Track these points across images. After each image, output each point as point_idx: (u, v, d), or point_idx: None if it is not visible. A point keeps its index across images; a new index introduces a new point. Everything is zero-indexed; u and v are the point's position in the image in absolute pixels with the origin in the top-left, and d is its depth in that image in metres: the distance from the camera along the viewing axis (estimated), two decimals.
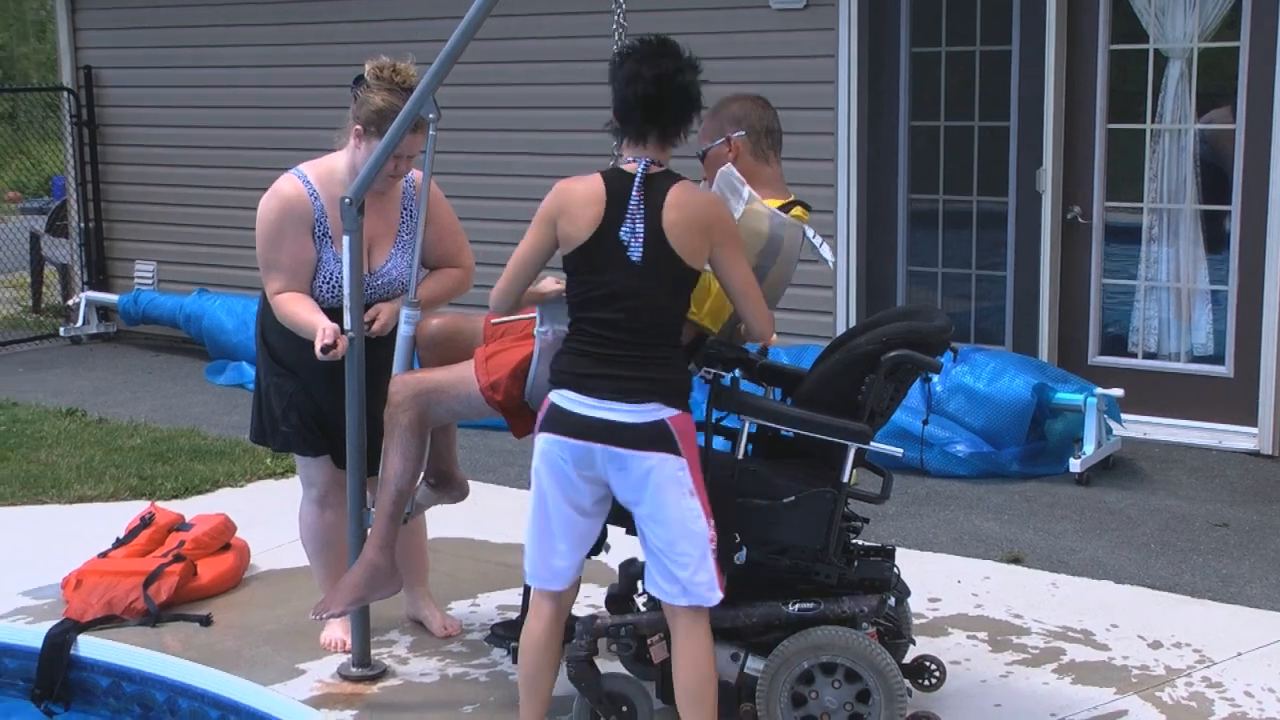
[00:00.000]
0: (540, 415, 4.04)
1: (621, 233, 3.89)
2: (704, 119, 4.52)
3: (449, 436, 4.89)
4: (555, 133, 8.72)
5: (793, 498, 4.16)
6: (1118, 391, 7.28)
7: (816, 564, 4.22)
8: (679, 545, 3.98)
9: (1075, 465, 7.04)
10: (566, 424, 3.96)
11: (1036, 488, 7.04)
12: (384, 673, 4.96)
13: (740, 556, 4.20)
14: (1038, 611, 5.45)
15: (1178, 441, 7.69)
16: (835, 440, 4.17)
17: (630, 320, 3.93)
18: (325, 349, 4.56)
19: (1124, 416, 7.49)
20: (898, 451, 4.27)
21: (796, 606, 4.20)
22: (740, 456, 4.23)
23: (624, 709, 4.31)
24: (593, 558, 4.49)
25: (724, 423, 4.36)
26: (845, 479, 4.17)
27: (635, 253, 3.89)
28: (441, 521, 5.89)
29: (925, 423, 6.64)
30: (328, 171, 4.91)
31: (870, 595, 4.23)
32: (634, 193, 3.91)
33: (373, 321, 4.80)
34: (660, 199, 3.92)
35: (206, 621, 5.43)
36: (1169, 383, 7.82)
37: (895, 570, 4.47)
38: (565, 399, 3.97)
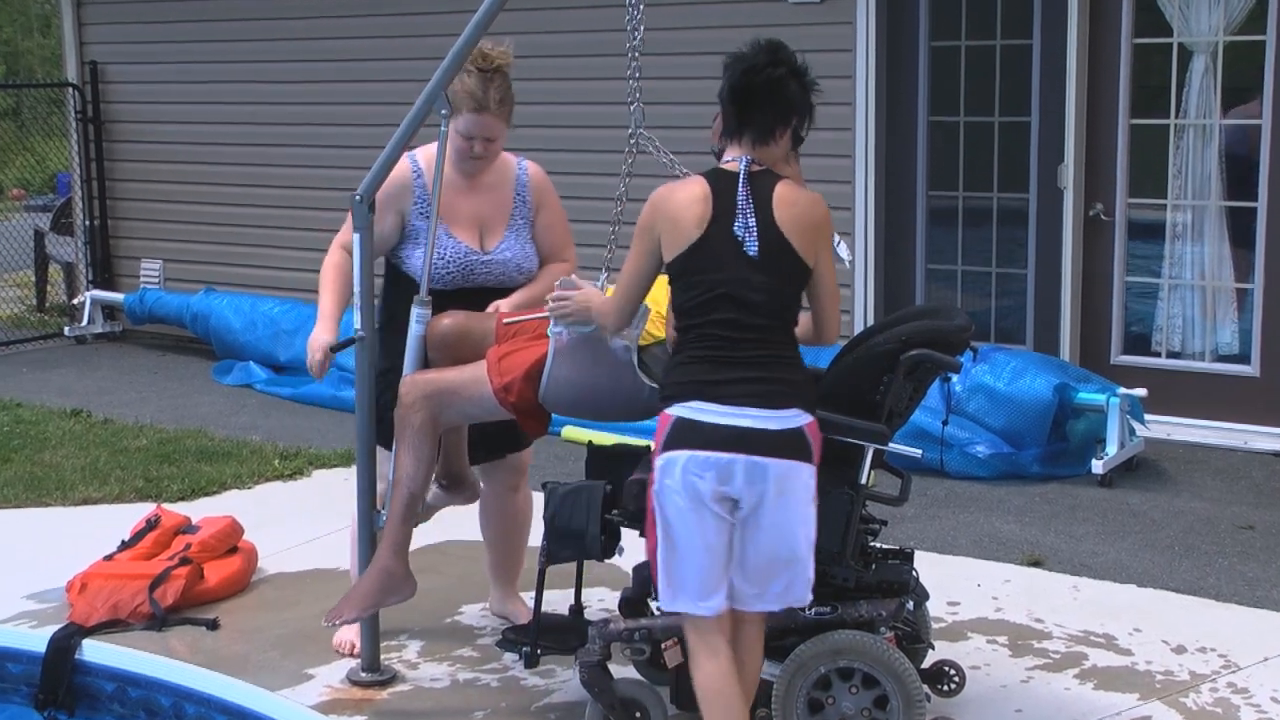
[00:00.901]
0: (663, 433, 3.85)
1: (736, 228, 3.82)
2: (718, 115, 4.51)
3: (460, 437, 4.90)
4: (572, 129, 8.72)
5: None
6: (1141, 391, 7.26)
7: (833, 567, 4.22)
8: (799, 552, 3.89)
9: (1097, 466, 7.03)
10: (702, 436, 3.78)
11: (1058, 489, 7.03)
12: (394, 678, 4.97)
13: None
14: (1059, 615, 5.44)
15: (1202, 442, 7.67)
16: (852, 441, 4.17)
17: (754, 317, 3.83)
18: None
19: (1147, 417, 7.47)
20: (916, 452, 4.27)
21: (813, 610, 4.20)
22: None
23: (637, 715, 4.31)
24: (605, 560, 4.50)
25: None
26: (863, 480, 4.17)
27: (752, 247, 3.81)
28: (452, 523, 5.89)
29: (945, 423, 6.63)
30: (434, 154, 4.95)
31: (888, 599, 4.23)
32: (740, 188, 3.85)
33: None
34: (767, 196, 3.86)
35: (213, 625, 5.44)
36: (1193, 382, 7.81)
37: (914, 574, 4.47)
38: (695, 410, 3.79)
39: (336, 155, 9.81)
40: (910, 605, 4.43)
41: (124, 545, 5.84)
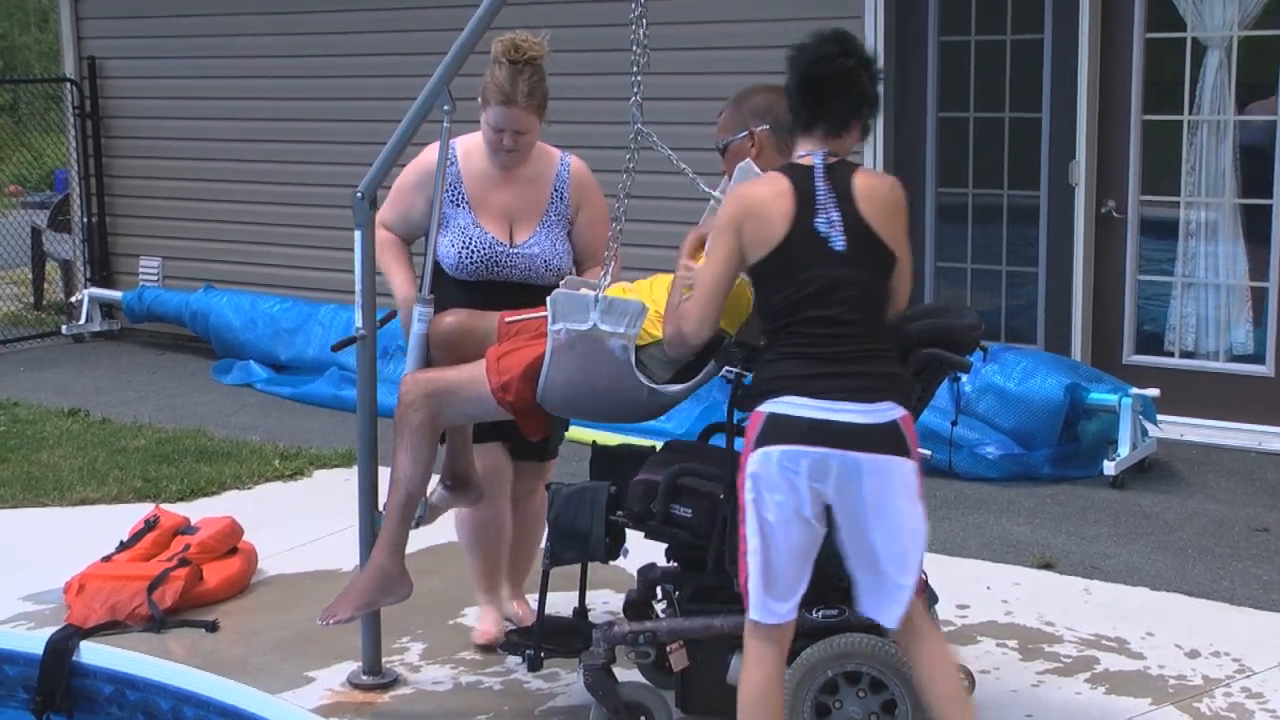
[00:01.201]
0: (755, 429, 3.81)
1: (818, 223, 3.80)
2: (724, 110, 4.52)
3: (465, 437, 4.90)
4: (574, 124, 8.72)
5: None
6: (1153, 391, 7.26)
7: (840, 569, 4.21)
8: (909, 554, 3.87)
9: (1109, 468, 7.02)
10: (797, 431, 3.74)
11: (1069, 491, 7.02)
12: (395, 681, 4.97)
13: None
14: (1070, 619, 5.44)
15: (1216, 443, 7.66)
16: None
17: (851, 312, 3.79)
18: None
19: (1160, 417, 7.46)
20: (926, 453, 4.26)
21: (820, 613, 4.19)
22: None
23: (641, 718, 4.31)
24: (610, 562, 4.50)
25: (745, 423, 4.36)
26: None
27: (838, 242, 3.78)
28: (455, 525, 5.89)
29: (954, 424, 6.63)
30: (475, 144, 5.03)
31: None
32: (819, 182, 3.82)
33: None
34: (847, 187, 3.84)
35: (212, 627, 5.44)
36: (1207, 382, 7.80)
37: (923, 576, 4.46)
38: (788, 405, 3.76)
39: (338, 152, 9.82)
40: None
41: (122, 546, 5.84)
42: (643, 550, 4.53)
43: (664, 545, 4.45)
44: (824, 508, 3.81)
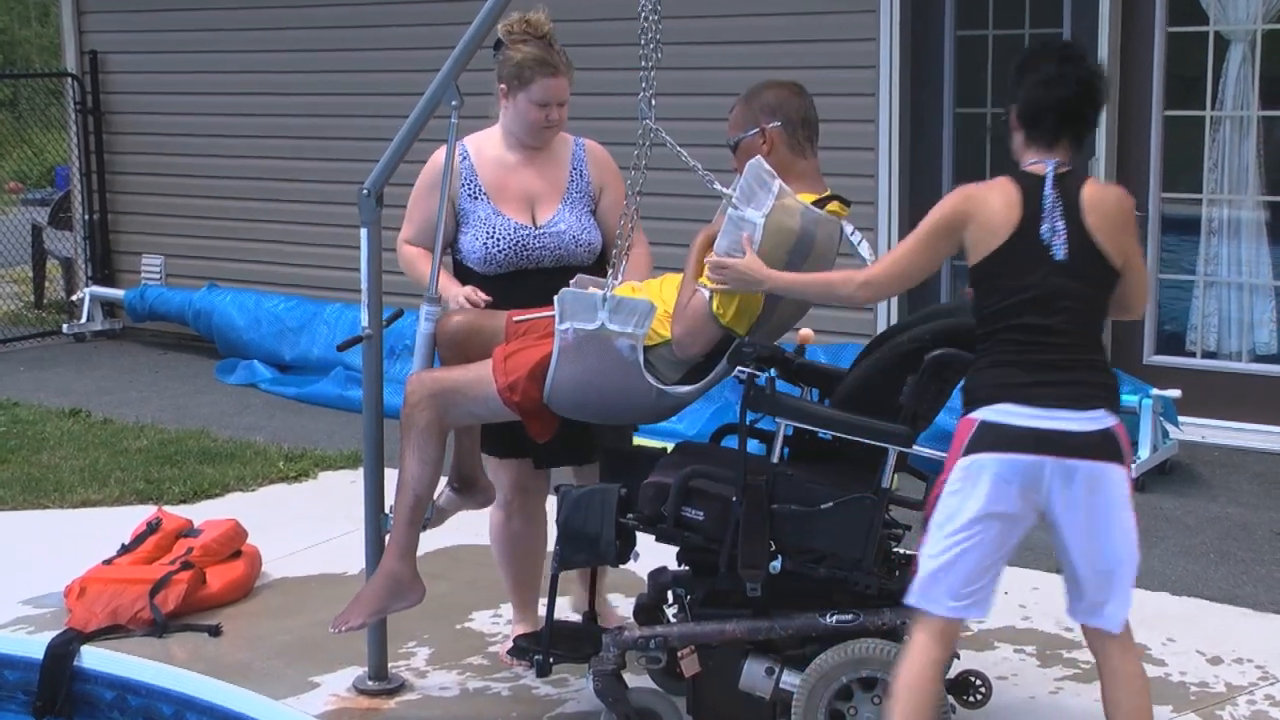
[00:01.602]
0: (966, 437, 3.87)
1: (1042, 231, 3.85)
2: (735, 106, 4.51)
3: (473, 439, 4.90)
4: (583, 120, 8.72)
5: (830, 504, 4.16)
6: (1175, 393, 7.25)
7: (855, 573, 4.22)
8: (1125, 564, 3.90)
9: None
10: (1012, 439, 3.80)
11: None
12: (401, 686, 4.98)
13: (775, 565, 4.20)
14: None
15: (1238, 445, 7.65)
16: (875, 443, 4.17)
17: (1067, 322, 3.85)
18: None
19: (1181, 419, 7.45)
20: (941, 455, 4.26)
21: (835, 618, 4.20)
22: (775, 460, 4.23)
23: None
24: (620, 566, 4.50)
25: (758, 424, 4.36)
26: (885, 484, 4.17)
27: (1059, 251, 3.83)
28: (464, 527, 5.90)
29: None
30: (485, 136, 5.04)
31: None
32: (1048, 190, 3.87)
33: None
34: (1075, 198, 3.88)
35: (216, 632, 5.45)
36: (1229, 383, 7.79)
37: None
38: (1002, 413, 3.82)
39: (344, 148, 9.83)
40: None
41: (124, 549, 5.85)
42: (653, 554, 4.53)
43: (674, 548, 4.45)
44: (1036, 515, 3.88)
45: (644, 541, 4.42)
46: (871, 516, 4.16)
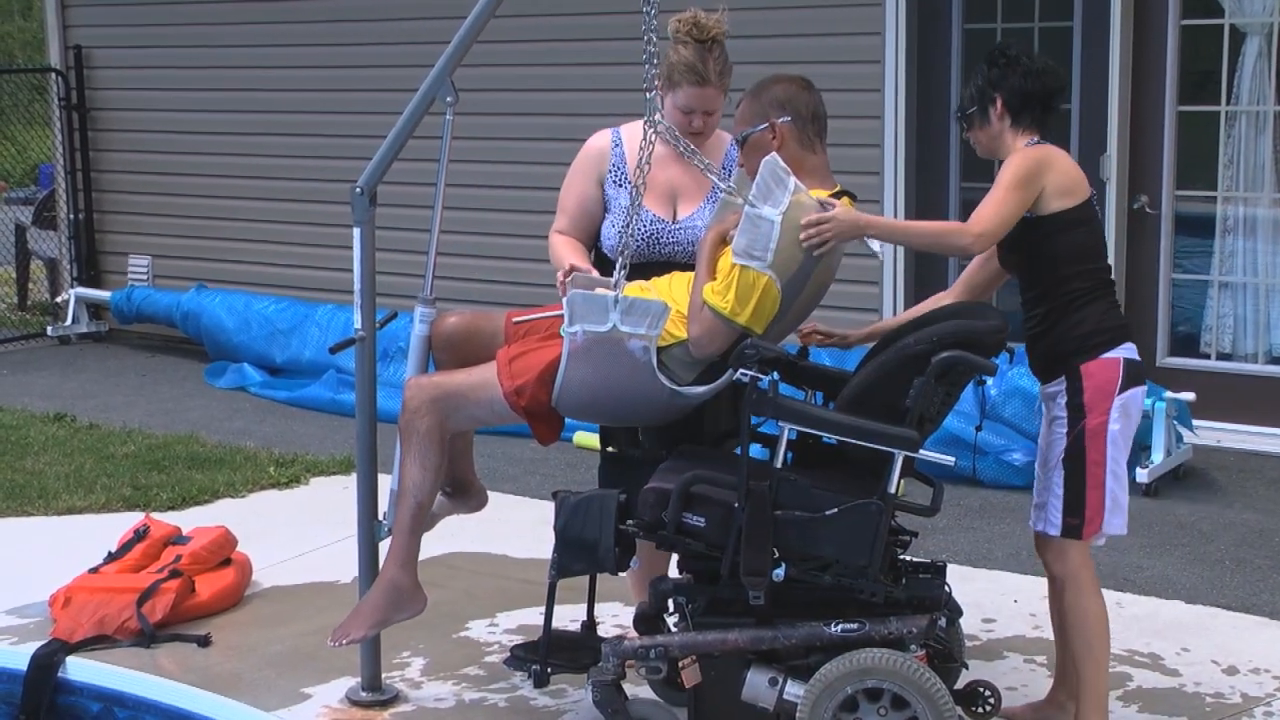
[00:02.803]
0: (1116, 375, 4.36)
1: (1092, 196, 4.50)
2: (742, 101, 4.53)
3: (466, 443, 4.91)
4: (585, 116, 8.73)
5: (834, 510, 4.17)
6: (1189, 395, 7.25)
7: (860, 581, 4.22)
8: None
9: (1142, 475, 7.02)
10: (1141, 373, 4.46)
11: None
12: (396, 698, 4.98)
13: (779, 573, 4.21)
14: None
15: (1254, 450, 7.66)
16: (881, 448, 4.18)
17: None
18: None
19: (1195, 423, 7.46)
20: (949, 460, 4.27)
21: (840, 627, 4.20)
22: (778, 465, 4.24)
23: None
24: (619, 574, 4.51)
25: (762, 428, 4.37)
26: (891, 490, 4.18)
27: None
28: (458, 534, 5.91)
29: (979, 429, 6.64)
30: (638, 126, 4.94)
31: (919, 615, 4.23)
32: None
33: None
34: None
35: (205, 642, 5.46)
36: (1245, 386, 7.80)
37: (946, 589, 4.47)
38: (1132, 350, 4.43)
39: (336, 145, 9.84)
40: (943, 622, 4.43)
41: (111, 557, 5.86)
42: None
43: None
44: None
45: (645, 549, 4.42)
46: (877, 523, 4.17)
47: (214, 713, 4.56)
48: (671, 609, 4.58)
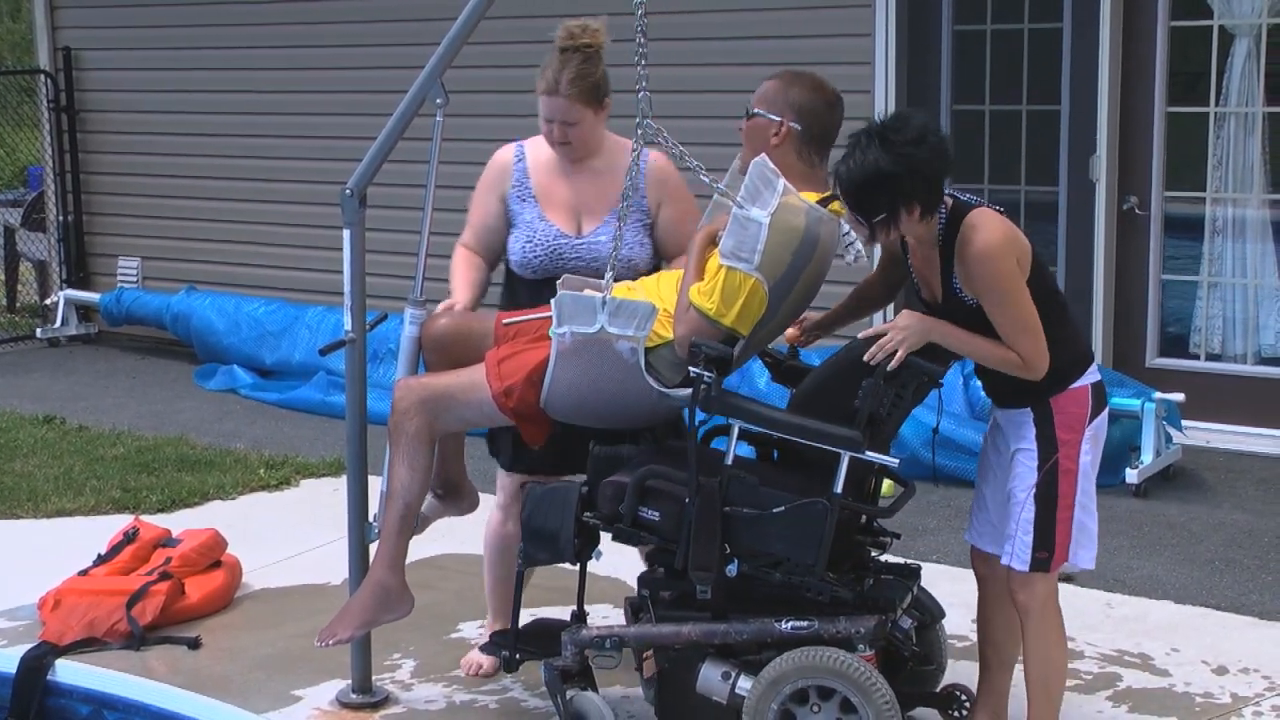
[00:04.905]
0: (1086, 402, 4.27)
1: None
2: (770, 81, 4.49)
3: (457, 444, 4.91)
4: None
5: (782, 508, 4.21)
6: (1178, 396, 7.26)
7: (808, 580, 4.24)
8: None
9: (1132, 476, 7.02)
10: (1104, 396, 4.37)
11: None
12: (386, 699, 4.98)
13: (732, 569, 4.26)
14: (1091, 634, 5.44)
15: (1244, 450, 7.66)
16: (825, 448, 4.20)
17: None
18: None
19: (1185, 423, 7.46)
20: (893, 461, 4.30)
21: (790, 624, 4.26)
22: (729, 462, 4.28)
23: None
24: (578, 564, 4.56)
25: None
26: (837, 490, 4.19)
27: None
28: (448, 536, 5.90)
29: (935, 430, 6.66)
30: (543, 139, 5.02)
31: (869, 616, 4.25)
32: None
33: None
34: None
35: (195, 644, 5.45)
36: (1234, 386, 7.80)
37: (914, 591, 4.49)
38: (1096, 374, 4.33)
39: (326, 147, 9.82)
40: (907, 624, 4.45)
41: (100, 559, 5.85)
42: (613, 553, 4.54)
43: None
44: None
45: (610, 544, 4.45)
46: (823, 522, 4.18)
47: (203, 715, 4.56)
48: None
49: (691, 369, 4.22)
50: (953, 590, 5.10)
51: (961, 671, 4.87)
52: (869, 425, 4.19)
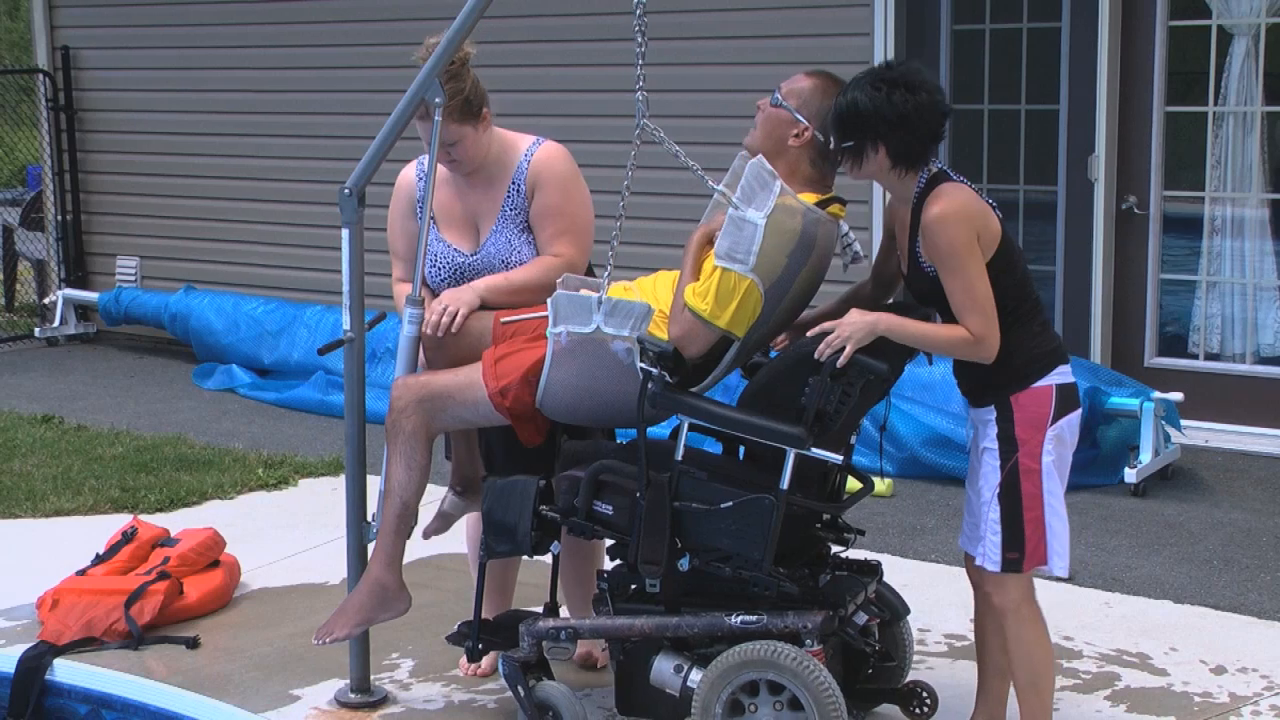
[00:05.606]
0: (1049, 403, 4.20)
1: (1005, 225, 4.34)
2: (810, 77, 4.42)
3: (470, 441, 4.91)
4: (573, 118, 8.73)
5: (729, 504, 4.23)
6: (1177, 395, 7.26)
7: (755, 574, 4.25)
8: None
9: (1130, 475, 7.02)
10: (1075, 398, 4.28)
11: (1088, 499, 7.02)
12: (384, 699, 4.98)
13: (684, 563, 4.30)
14: (1090, 633, 5.45)
15: (1242, 449, 7.67)
16: (770, 444, 4.23)
17: None
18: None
19: (1183, 423, 7.46)
20: (836, 458, 4.31)
21: (739, 619, 4.29)
22: (679, 457, 4.30)
23: (549, 715, 4.44)
24: (537, 556, 4.59)
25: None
26: (784, 486, 4.21)
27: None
28: (447, 535, 5.89)
29: (883, 428, 6.65)
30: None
31: (817, 611, 4.26)
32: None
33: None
34: None
35: (193, 644, 5.45)
36: (1233, 386, 7.81)
37: (869, 587, 4.51)
38: (1064, 375, 4.25)
39: (325, 146, 9.83)
40: (862, 619, 4.49)
41: (98, 559, 5.84)
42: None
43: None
44: None
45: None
46: (769, 518, 4.20)
47: (202, 715, 4.57)
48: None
49: (639, 365, 4.23)
50: (952, 590, 5.10)
51: (962, 671, 4.87)
52: (816, 422, 4.18)
